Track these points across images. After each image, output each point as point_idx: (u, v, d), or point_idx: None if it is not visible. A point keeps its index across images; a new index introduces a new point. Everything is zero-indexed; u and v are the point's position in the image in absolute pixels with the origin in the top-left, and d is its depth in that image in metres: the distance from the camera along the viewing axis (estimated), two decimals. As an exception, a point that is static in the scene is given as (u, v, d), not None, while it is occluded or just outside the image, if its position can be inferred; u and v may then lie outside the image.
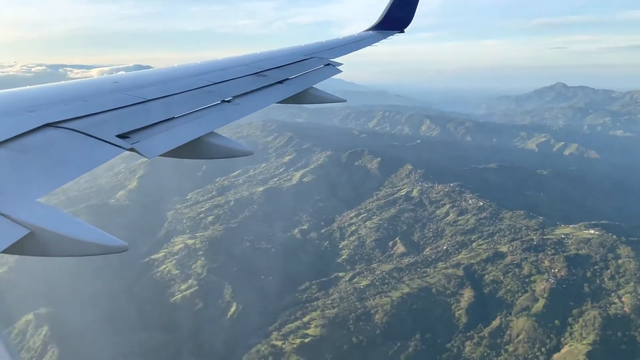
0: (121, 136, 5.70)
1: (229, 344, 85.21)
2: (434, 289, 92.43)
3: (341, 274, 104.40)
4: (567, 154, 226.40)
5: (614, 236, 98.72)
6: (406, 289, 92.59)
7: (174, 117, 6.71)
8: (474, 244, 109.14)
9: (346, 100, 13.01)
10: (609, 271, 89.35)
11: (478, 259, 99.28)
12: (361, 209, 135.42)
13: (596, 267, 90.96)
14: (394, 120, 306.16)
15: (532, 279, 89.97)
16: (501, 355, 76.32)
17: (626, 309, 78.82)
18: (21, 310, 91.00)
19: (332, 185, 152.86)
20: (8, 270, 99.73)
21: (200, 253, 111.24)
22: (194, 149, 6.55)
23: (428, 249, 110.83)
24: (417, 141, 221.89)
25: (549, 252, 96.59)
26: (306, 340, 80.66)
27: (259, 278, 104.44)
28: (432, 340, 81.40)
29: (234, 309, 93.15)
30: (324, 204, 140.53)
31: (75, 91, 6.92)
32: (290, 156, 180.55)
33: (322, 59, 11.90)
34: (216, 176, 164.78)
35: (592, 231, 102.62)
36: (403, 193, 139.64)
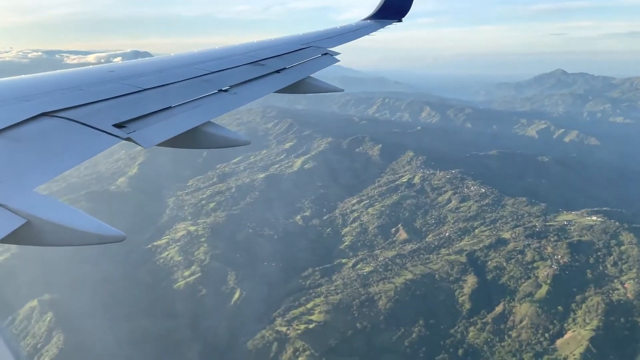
0: (118, 125, 5.67)
1: (233, 331, 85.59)
2: (437, 275, 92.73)
3: (344, 261, 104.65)
4: (567, 140, 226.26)
5: (617, 223, 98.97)
6: (409, 275, 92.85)
7: (170, 107, 6.69)
8: (476, 230, 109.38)
9: (343, 90, 13.12)
10: (611, 258, 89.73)
11: (481, 245, 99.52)
12: (363, 195, 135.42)
13: (599, 253, 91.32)
14: (393, 107, 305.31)
15: (535, 265, 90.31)
16: (505, 340, 76.82)
17: (629, 295, 79.32)
18: (25, 297, 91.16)
19: (333, 172, 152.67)
20: (10, 257, 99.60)
21: (202, 239, 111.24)
22: (191, 139, 6.55)
23: (430, 236, 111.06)
24: (417, 128, 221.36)
25: (552, 239, 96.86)
26: (310, 326, 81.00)
27: (262, 264, 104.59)
28: (436, 326, 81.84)
29: (237, 295, 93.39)
30: (325, 190, 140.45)
31: (71, 80, 6.88)
32: (291, 143, 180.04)
33: (319, 49, 11.88)
34: (217, 163, 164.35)
35: (595, 218, 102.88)
36: (405, 180, 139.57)
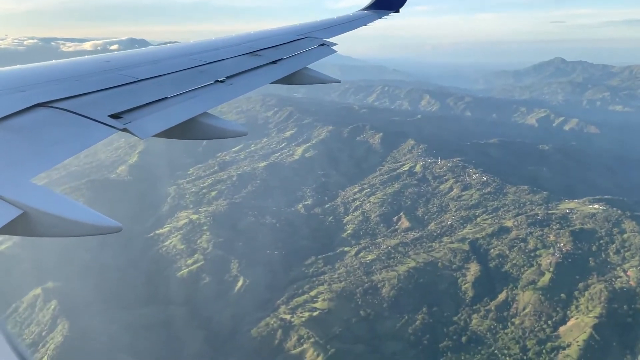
0: (114, 116, 5.67)
1: (237, 318, 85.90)
2: (440, 263, 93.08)
3: (346, 249, 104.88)
4: (567, 129, 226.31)
5: (619, 211, 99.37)
6: (412, 263, 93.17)
7: (166, 97, 6.68)
8: (478, 218, 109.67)
9: (340, 81, 13.17)
10: (614, 245, 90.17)
11: (483, 233, 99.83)
12: (364, 184, 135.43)
13: (601, 241, 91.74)
14: (393, 95, 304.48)
15: (538, 253, 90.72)
16: (508, 328, 77.34)
17: (631, 282, 79.81)
18: (28, 285, 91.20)
19: (334, 160, 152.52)
20: (13, 245, 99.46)
21: (205, 228, 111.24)
22: (187, 130, 6.55)
23: (433, 224, 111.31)
24: (417, 116, 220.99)
25: (554, 227, 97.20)
26: (315, 314, 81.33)
27: (264, 253, 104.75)
28: (439, 313, 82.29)
29: (240, 283, 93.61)
30: (326, 179, 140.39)
31: (66, 70, 6.86)
32: (291, 131, 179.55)
33: (316, 39, 11.86)
34: (217, 151, 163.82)
35: (597, 206, 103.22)
36: (406, 168, 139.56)
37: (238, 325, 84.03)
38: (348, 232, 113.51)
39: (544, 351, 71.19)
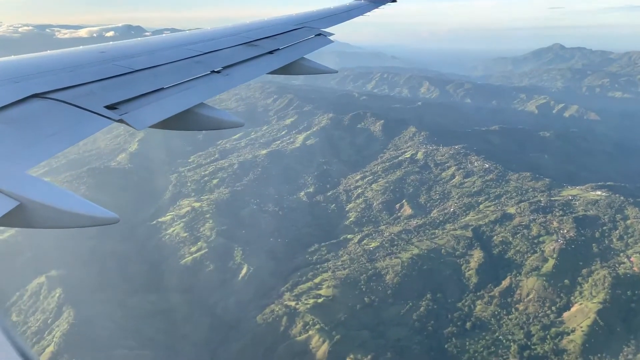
0: (109, 107, 5.69)
1: (242, 305, 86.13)
2: (443, 250, 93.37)
3: (350, 236, 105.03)
4: (567, 115, 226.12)
5: (621, 197, 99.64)
6: (415, 250, 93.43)
7: (162, 88, 6.69)
8: (481, 205, 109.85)
9: (337, 71, 13.36)
10: (617, 232, 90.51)
11: (486, 220, 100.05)
12: (366, 171, 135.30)
13: (604, 227, 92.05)
14: (392, 82, 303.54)
15: (541, 239, 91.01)
16: (512, 314, 77.79)
17: (635, 268, 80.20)
18: (32, 273, 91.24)
19: (335, 148, 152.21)
20: (15, 233, 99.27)
21: (207, 216, 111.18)
22: (183, 121, 6.56)
23: (435, 211, 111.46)
24: (417, 103, 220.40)
25: (557, 214, 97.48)
26: (319, 301, 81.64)
27: (267, 240, 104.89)
28: (443, 299, 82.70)
29: (244, 270, 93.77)
30: (328, 166, 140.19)
31: (61, 61, 6.85)
32: (291, 119, 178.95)
33: (313, 29, 11.85)
34: (217, 139, 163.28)
35: (599, 192, 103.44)
36: (408, 155, 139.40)
37: (243, 312, 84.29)
38: (351, 219, 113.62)
39: (548, 337, 71.65)
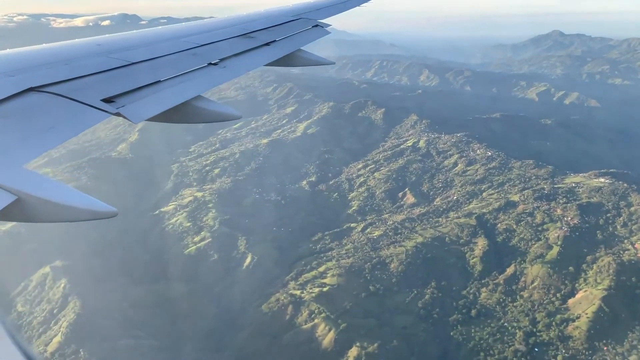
0: (106, 100, 5.67)
1: (247, 294, 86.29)
2: (447, 238, 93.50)
3: (353, 225, 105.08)
4: (568, 103, 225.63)
5: (625, 184, 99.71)
6: (420, 239, 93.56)
7: (159, 81, 6.68)
8: (484, 193, 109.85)
9: (334, 63, 13.56)
10: (621, 219, 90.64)
11: (490, 208, 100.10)
12: (368, 160, 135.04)
13: (608, 214, 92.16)
14: (391, 70, 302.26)
15: (545, 227, 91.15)
16: (517, 301, 78.11)
17: (639, 255, 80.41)
18: (36, 264, 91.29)
19: (337, 136, 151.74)
20: (18, 225, 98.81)
21: (210, 205, 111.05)
22: (181, 113, 6.55)
23: (438, 199, 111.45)
24: (418, 91, 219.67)
25: (561, 201, 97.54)
26: (324, 289, 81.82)
27: (271, 229, 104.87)
28: (448, 287, 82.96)
29: (249, 260, 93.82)
30: (330, 155, 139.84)
31: (57, 54, 6.83)
32: (292, 107, 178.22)
33: (310, 20, 11.85)
34: (218, 129, 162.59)
35: (603, 180, 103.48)
36: (410, 144, 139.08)
37: (248, 301, 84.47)
38: (353, 208, 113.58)
39: (553, 323, 72.01)
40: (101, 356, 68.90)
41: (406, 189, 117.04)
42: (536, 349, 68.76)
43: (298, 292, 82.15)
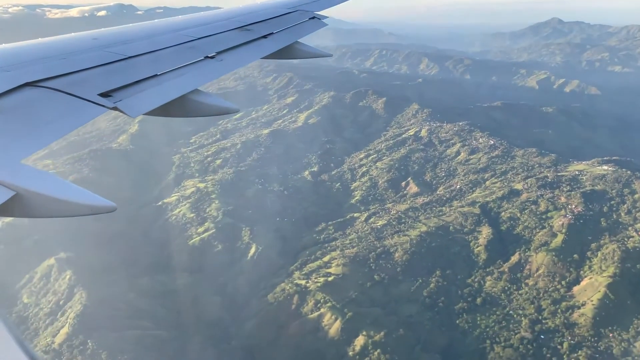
0: (103, 95, 5.66)
1: (252, 284, 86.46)
2: (451, 227, 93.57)
3: (356, 215, 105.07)
4: (568, 90, 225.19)
5: (628, 172, 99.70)
6: (423, 228, 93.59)
7: (156, 75, 6.67)
8: (487, 182, 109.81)
9: (332, 55, 13.49)
10: (625, 206, 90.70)
11: (493, 196, 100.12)
12: (370, 149, 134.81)
13: (612, 202, 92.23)
14: (391, 59, 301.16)
15: (549, 215, 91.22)
16: (522, 289, 78.34)
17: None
18: (40, 255, 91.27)
19: (338, 126, 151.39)
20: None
21: (213, 196, 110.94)
22: (178, 107, 6.56)
23: (441, 188, 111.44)
24: (418, 80, 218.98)
25: (565, 189, 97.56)
26: (330, 279, 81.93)
27: (274, 220, 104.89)
28: (453, 276, 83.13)
29: (253, 250, 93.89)
30: (331, 145, 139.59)
31: (53, 49, 6.81)
32: (292, 97, 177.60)
33: (307, 12, 11.85)
34: (218, 119, 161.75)
35: (606, 167, 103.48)
36: (411, 133, 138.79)
37: (253, 291, 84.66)
38: (356, 198, 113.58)
39: (559, 311, 72.33)
40: (109, 347, 69.03)
41: (409, 179, 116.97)
42: (542, 336, 69.03)
43: (303, 282, 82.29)
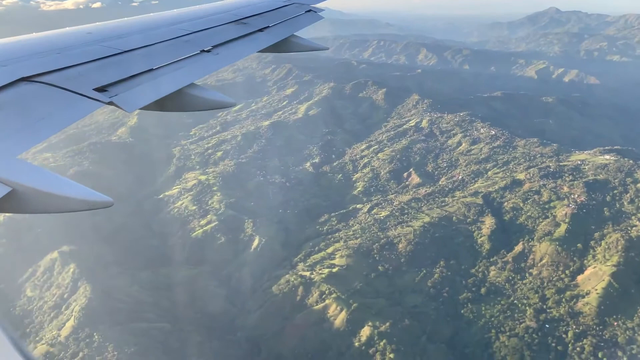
0: (99, 89, 5.63)
1: (256, 276, 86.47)
2: (454, 217, 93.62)
3: (359, 206, 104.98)
4: (567, 80, 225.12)
5: (630, 161, 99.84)
6: (427, 218, 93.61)
7: (152, 69, 6.62)
8: (489, 172, 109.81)
9: (328, 48, 13.01)
10: (628, 195, 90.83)
11: (496, 187, 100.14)
12: (371, 141, 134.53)
13: (615, 191, 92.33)
14: (389, 50, 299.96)
15: (552, 204, 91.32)
16: (526, 278, 78.55)
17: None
18: (43, 249, 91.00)
19: (338, 117, 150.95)
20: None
21: (215, 189, 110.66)
22: (175, 102, 6.53)
23: (444, 179, 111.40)
24: (417, 70, 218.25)
25: (567, 178, 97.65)
26: (334, 270, 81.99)
27: (277, 212, 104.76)
28: (457, 266, 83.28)
29: (256, 242, 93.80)
30: (332, 136, 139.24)
31: (47, 43, 6.77)
32: (292, 89, 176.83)
33: (303, 5, 11.81)
34: (217, 111, 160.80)
35: (608, 157, 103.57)
36: (412, 124, 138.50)
37: (257, 283, 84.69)
38: (359, 189, 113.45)
39: (563, 300, 72.58)
40: (115, 339, 69.00)
41: (411, 169, 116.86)
42: (547, 325, 69.34)
43: (307, 274, 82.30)
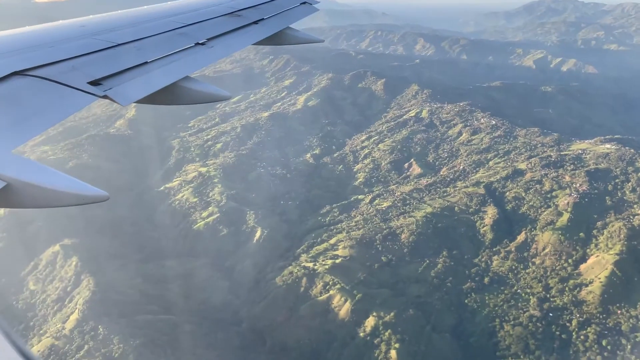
0: (93, 83, 5.56)
1: (259, 268, 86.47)
2: (456, 207, 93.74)
3: (360, 197, 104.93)
4: (565, 69, 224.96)
5: (632, 150, 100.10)
6: (429, 209, 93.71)
7: (146, 62, 6.58)
8: (490, 162, 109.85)
9: (324, 41, 13.16)
10: (630, 184, 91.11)
11: (497, 177, 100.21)
12: (371, 131, 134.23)
13: (617, 180, 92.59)
14: (386, 40, 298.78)
15: (554, 194, 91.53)
16: (529, 267, 78.86)
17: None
18: (45, 242, 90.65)
19: (338, 108, 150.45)
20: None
21: (215, 180, 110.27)
22: (169, 95, 6.48)
23: (445, 169, 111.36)
24: (415, 61, 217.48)
25: (569, 168, 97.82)
26: (337, 261, 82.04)
27: (278, 203, 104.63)
28: (460, 256, 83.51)
29: (259, 234, 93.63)
30: (332, 127, 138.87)
31: (40, 37, 6.71)
32: (290, 80, 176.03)
33: None
34: (216, 102, 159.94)
35: (609, 146, 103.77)
36: (412, 114, 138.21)
37: (261, 275, 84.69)
38: (360, 180, 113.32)
39: (566, 289, 72.91)
40: (120, 332, 68.93)
41: (412, 160, 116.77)
42: (551, 314, 69.68)
43: (311, 265, 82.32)
